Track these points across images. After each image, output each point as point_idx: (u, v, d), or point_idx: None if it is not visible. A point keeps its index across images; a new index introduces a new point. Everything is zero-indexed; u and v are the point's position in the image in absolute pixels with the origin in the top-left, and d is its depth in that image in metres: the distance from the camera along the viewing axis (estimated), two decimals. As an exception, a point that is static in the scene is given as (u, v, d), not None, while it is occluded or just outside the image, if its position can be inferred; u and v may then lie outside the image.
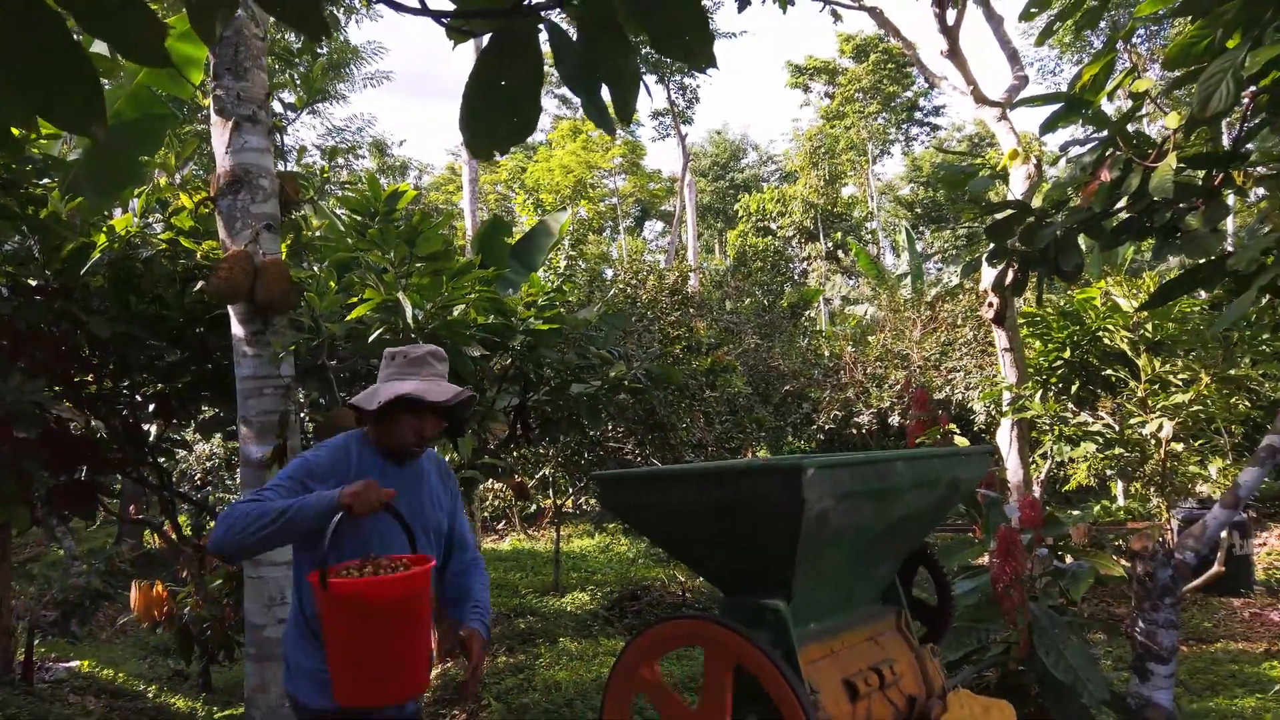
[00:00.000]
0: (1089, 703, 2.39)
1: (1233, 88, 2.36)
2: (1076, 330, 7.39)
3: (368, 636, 1.90)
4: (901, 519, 1.26)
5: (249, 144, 3.24)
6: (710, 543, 1.20)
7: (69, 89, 0.97)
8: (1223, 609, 7.14)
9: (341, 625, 1.91)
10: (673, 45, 0.86)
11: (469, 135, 0.94)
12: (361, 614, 1.89)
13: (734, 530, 1.15)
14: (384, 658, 1.91)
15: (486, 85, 0.89)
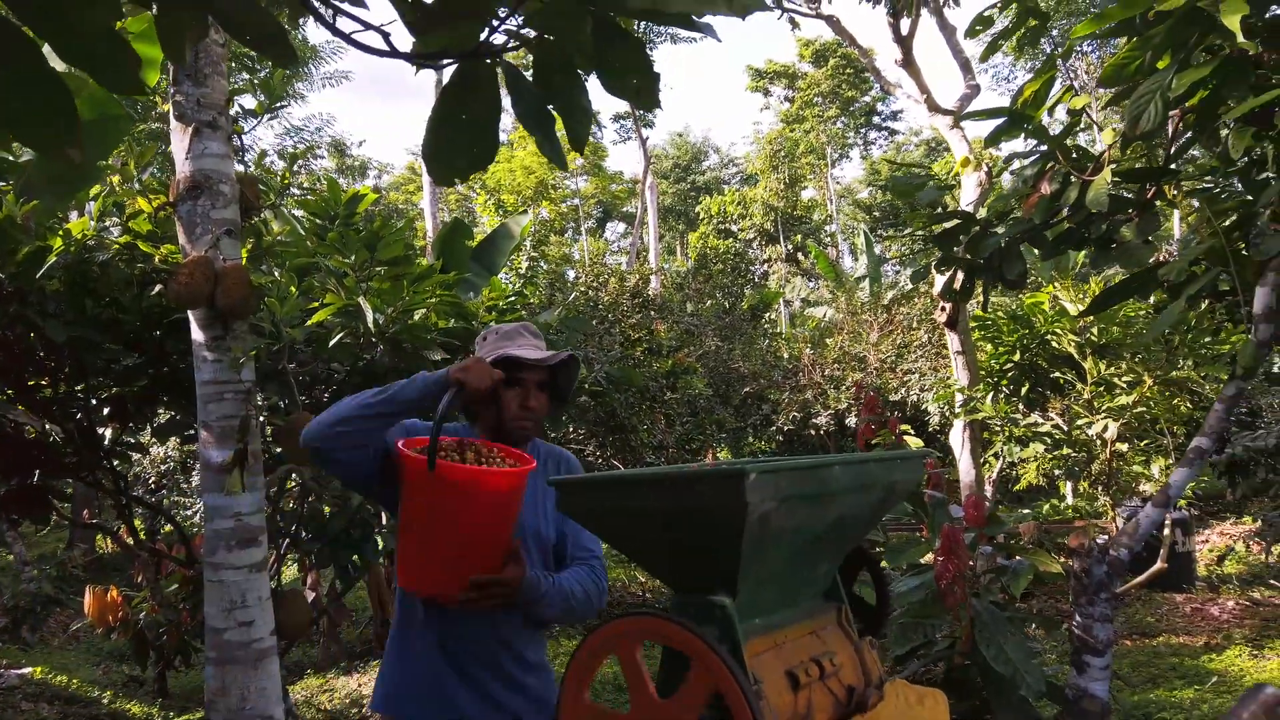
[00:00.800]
0: (1027, 694, 2.50)
1: (1160, 107, 2.49)
2: (1026, 334, 7.59)
3: (462, 525, 1.77)
4: (840, 520, 1.34)
5: (209, 150, 3.25)
6: (661, 543, 1.27)
7: (45, 114, 1.02)
8: (1165, 604, 7.37)
9: (436, 510, 1.77)
10: (622, 87, 0.93)
11: (432, 164, 1.00)
12: (464, 503, 1.75)
13: (683, 532, 1.21)
14: (467, 550, 1.81)
15: (448, 119, 0.96)
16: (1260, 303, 2.72)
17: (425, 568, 1.86)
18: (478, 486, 1.74)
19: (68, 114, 1.04)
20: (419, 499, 1.80)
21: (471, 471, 1.76)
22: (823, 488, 1.27)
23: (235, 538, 3.18)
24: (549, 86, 0.92)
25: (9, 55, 0.99)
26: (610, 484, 1.29)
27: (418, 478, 1.75)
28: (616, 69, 0.91)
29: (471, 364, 1.79)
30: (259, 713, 3.18)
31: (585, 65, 0.92)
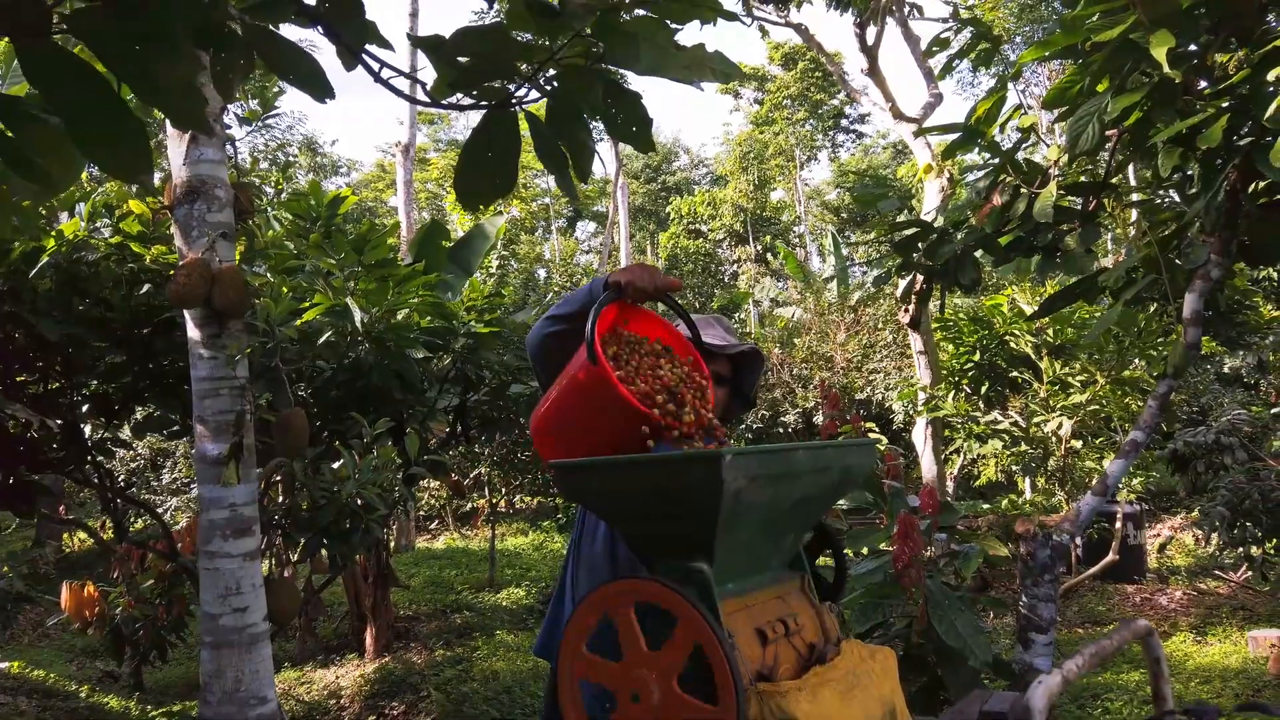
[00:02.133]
0: (976, 664, 2.72)
1: (1097, 129, 2.72)
2: (986, 334, 7.87)
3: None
4: (802, 498, 1.53)
5: (205, 156, 3.39)
6: (647, 517, 1.45)
7: (123, 146, 1.19)
8: (1117, 594, 7.68)
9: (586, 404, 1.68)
10: (623, 134, 1.12)
11: (462, 193, 1.18)
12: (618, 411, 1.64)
13: (667, 507, 1.40)
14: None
15: (476, 157, 1.14)
16: (1189, 308, 2.96)
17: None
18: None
19: (143, 147, 1.21)
20: (575, 391, 1.70)
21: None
22: (787, 468, 1.47)
23: (230, 527, 3.33)
24: (559, 129, 1.10)
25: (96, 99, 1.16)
26: (603, 466, 1.47)
27: (583, 377, 1.64)
28: (620, 121, 1.10)
29: (635, 267, 1.71)
30: (253, 694, 3.33)
31: (591, 113, 1.10)
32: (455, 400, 5.27)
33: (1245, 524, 4.27)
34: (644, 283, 1.68)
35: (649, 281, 1.69)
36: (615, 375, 1.58)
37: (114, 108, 1.17)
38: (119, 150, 1.19)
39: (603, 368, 1.55)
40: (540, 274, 22.56)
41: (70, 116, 1.17)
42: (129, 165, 1.22)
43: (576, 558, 2.06)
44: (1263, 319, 8.94)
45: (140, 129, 1.20)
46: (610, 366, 1.58)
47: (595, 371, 1.56)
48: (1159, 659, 1.28)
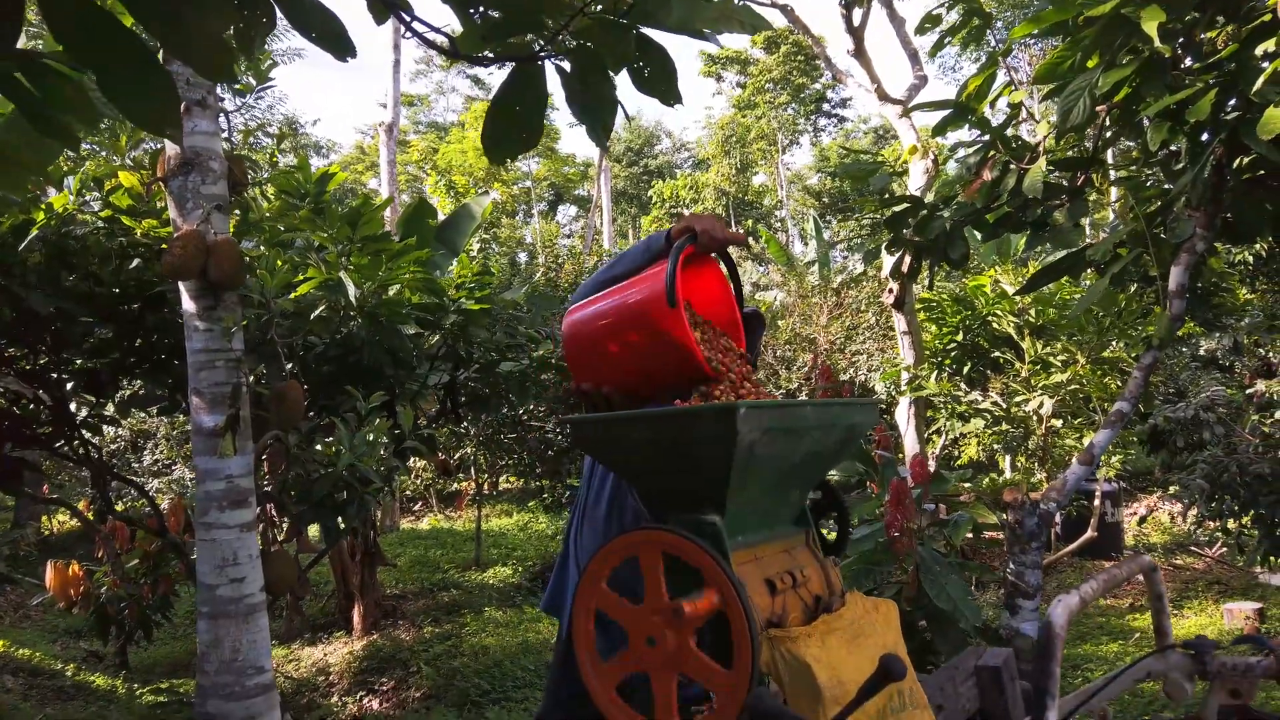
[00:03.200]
0: (965, 627, 2.79)
1: (1088, 104, 2.77)
2: (968, 315, 7.95)
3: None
4: (809, 454, 1.57)
5: (199, 128, 3.38)
6: (660, 470, 1.49)
7: (153, 98, 1.21)
8: (1095, 570, 7.82)
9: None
10: (651, 88, 1.14)
11: (489, 145, 1.20)
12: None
13: (680, 459, 1.44)
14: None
15: (504, 110, 1.16)
16: (1174, 281, 3.03)
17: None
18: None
19: (172, 103, 1.23)
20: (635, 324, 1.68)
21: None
22: (797, 423, 1.51)
23: (227, 499, 3.34)
24: (585, 83, 1.13)
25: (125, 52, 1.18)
26: (619, 420, 1.51)
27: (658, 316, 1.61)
28: (648, 75, 1.12)
29: (709, 216, 1.68)
30: (251, 663, 3.35)
31: (616, 67, 1.13)
32: (445, 377, 5.29)
33: (1224, 497, 4.36)
34: (718, 233, 1.68)
35: (721, 232, 1.69)
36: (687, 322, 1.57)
37: (144, 60, 1.19)
38: (150, 103, 1.21)
39: (678, 310, 1.55)
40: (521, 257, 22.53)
41: (101, 70, 1.18)
42: (160, 118, 1.23)
43: (580, 517, 2.09)
44: (1238, 301, 9.08)
45: (170, 82, 1.22)
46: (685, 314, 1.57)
47: (667, 311, 1.56)
48: (1160, 595, 1.33)
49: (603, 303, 1.75)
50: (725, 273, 1.86)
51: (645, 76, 1.14)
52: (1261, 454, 4.35)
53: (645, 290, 1.65)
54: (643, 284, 1.67)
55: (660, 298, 1.58)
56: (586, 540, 2.06)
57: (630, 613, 1.44)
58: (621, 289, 1.73)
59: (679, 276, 1.59)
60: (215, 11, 1.18)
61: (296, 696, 6.02)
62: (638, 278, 1.72)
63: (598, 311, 1.74)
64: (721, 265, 1.86)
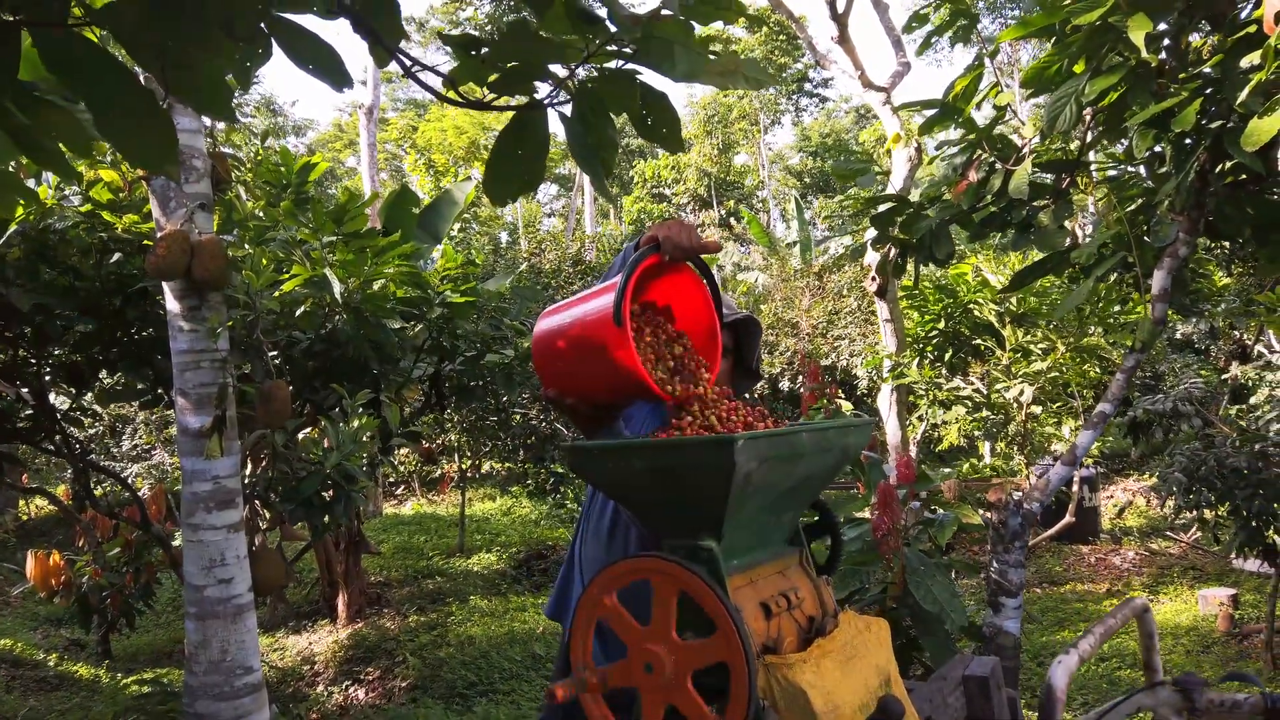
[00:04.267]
0: (951, 629, 2.83)
1: (1075, 110, 2.78)
2: (950, 303, 8.00)
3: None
4: (804, 477, 1.59)
5: (181, 125, 3.33)
6: (659, 497, 1.50)
7: (155, 143, 1.20)
8: (1072, 555, 7.95)
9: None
10: (653, 133, 1.14)
11: (491, 189, 1.20)
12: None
13: (677, 488, 1.45)
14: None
15: (507, 153, 1.16)
16: (1157, 284, 3.06)
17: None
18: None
19: (170, 142, 1.22)
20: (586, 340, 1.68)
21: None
22: (793, 450, 1.52)
23: (214, 500, 3.33)
24: (586, 125, 1.13)
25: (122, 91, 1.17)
26: (618, 449, 1.52)
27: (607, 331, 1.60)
28: (650, 123, 1.12)
29: (675, 223, 1.63)
30: (239, 664, 3.36)
31: (618, 113, 1.13)
32: (430, 369, 5.28)
33: (1201, 489, 4.44)
34: (683, 240, 1.63)
35: (688, 241, 1.63)
36: (633, 342, 1.56)
37: (140, 99, 1.18)
38: (147, 142, 1.20)
39: (625, 331, 1.53)
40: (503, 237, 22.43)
41: (98, 108, 1.17)
42: (157, 156, 1.22)
43: (585, 528, 2.11)
44: (1215, 287, 9.19)
45: (168, 120, 1.21)
46: (632, 335, 1.56)
47: (614, 332, 1.54)
48: (1151, 634, 1.36)
49: (563, 316, 1.73)
50: (703, 280, 1.82)
51: (649, 125, 1.14)
52: (1238, 447, 4.42)
53: (596, 308, 1.63)
54: (598, 298, 1.64)
55: (608, 318, 1.56)
56: (590, 552, 2.07)
57: (634, 630, 1.46)
58: (581, 301, 1.71)
59: (632, 288, 1.56)
60: (217, 52, 1.17)
61: (282, 686, 6.03)
62: (597, 290, 1.68)
63: (557, 327, 1.73)
64: (696, 273, 1.81)
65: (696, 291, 1.81)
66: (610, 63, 1.06)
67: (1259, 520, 4.52)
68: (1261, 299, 7.14)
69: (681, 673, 1.39)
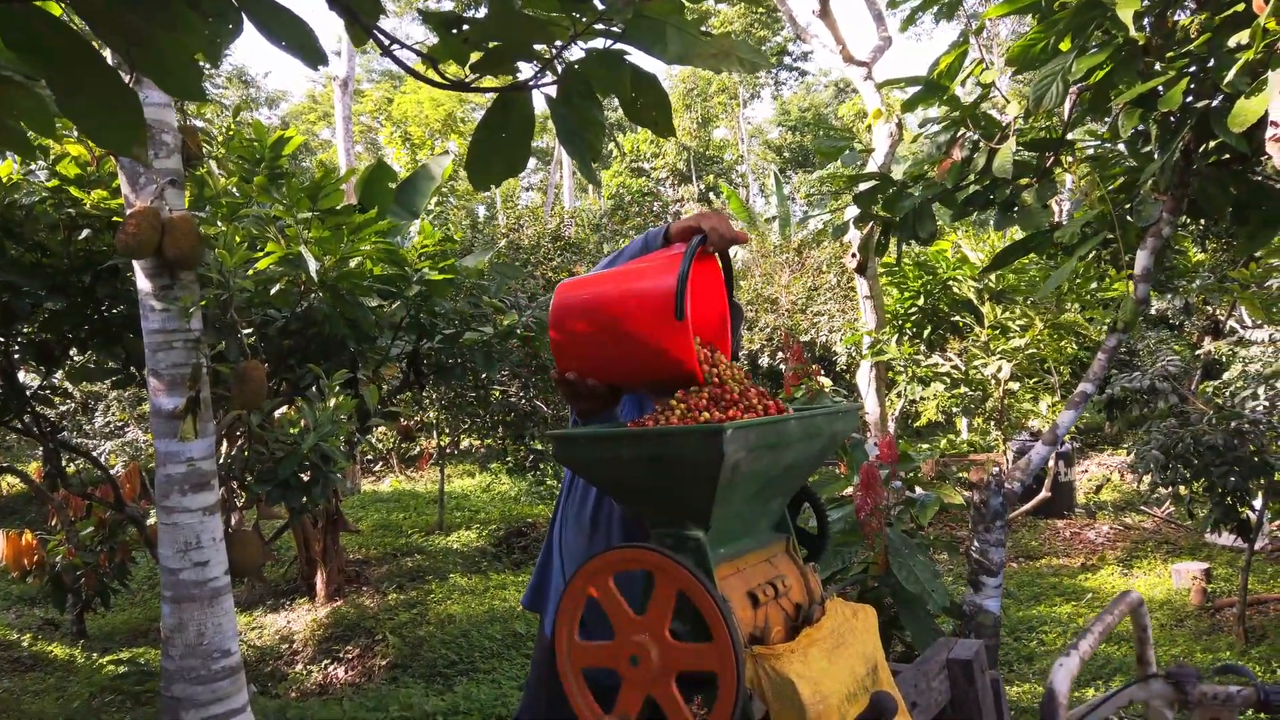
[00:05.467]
0: (932, 609, 2.84)
1: (1061, 88, 2.76)
2: (930, 280, 8.02)
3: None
4: (791, 464, 1.57)
5: (150, 99, 3.24)
6: (645, 486, 1.48)
7: (120, 123, 1.15)
8: (1048, 529, 8.03)
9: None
10: (642, 116, 1.10)
11: (473, 173, 1.16)
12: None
13: (664, 478, 1.42)
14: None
15: (489, 137, 1.11)
16: (1140, 265, 3.06)
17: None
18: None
19: (136, 122, 1.17)
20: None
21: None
22: (781, 438, 1.50)
23: (189, 482, 3.28)
24: (575, 109, 1.09)
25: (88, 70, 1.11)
26: (606, 438, 1.49)
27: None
28: (640, 105, 1.08)
29: (714, 214, 1.61)
30: (216, 647, 3.32)
31: (606, 95, 1.09)
32: (408, 347, 5.22)
33: (1177, 466, 4.48)
34: (727, 231, 1.62)
35: (729, 231, 1.62)
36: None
37: (105, 77, 1.12)
38: (112, 122, 1.15)
39: (686, 325, 1.50)
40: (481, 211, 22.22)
41: (61, 87, 1.12)
42: (123, 137, 1.17)
43: (563, 517, 2.08)
44: (1190, 263, 9.26)
45: (134, 100, 1.16)
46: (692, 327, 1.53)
47: (674, 325, 1.51)
48: (1145, 627, 1.36)
49: (602, 292, 1.66)
50: (721, 270, 1.81)
51: (638, 108, 1.10)
52: (1214, 424, 4.46)
53: (650, 294, 1.57)
54: (648, 281, 1.59)
55: (667, 309, 1.53)
56: (571, 541, 2.04)
57: (608, 650, 1.44)
58: (625, 279, 1.64)
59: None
60: (184, 29, 1.12)
61: (261, 665, 6.00)
62: (642, 269, 1.63)
63: (590, 308, 1.66)
64: (719, 262, 1.80)
65: (712, 281, 1.80)
66: (598, 42, 1.02)
67: (1233, 496, 4.57)
68: (1235, 275, 7.20)
69: (668, 671, 1.37)
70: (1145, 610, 1.37)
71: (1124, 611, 1.30)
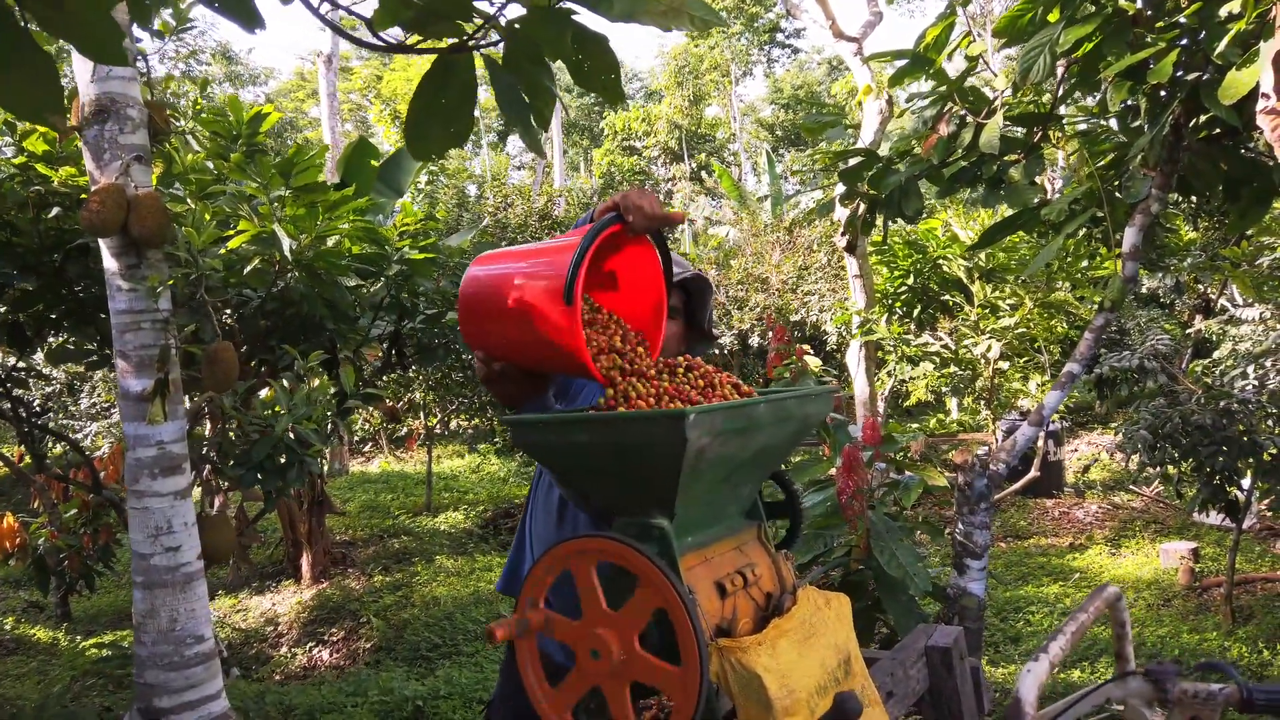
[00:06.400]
0: (915, 593, 2.79)
1: (1049, 60, 2.69)
2: (920, 259, 7.95)
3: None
4: (762, 449, 1.51)
5: (114, 72, 3.14)
6: (604, 475, 1.41)
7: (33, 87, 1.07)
8: (1036, 509, 8.01)
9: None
10: (590, 82, 1.03)
11: (412, 142, 1.09)
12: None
13: (625, 465, 1.36)
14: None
15: (429, 103, 1.04)
16: (1128, 242, 3.00)
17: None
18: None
19: (53, 86, 1.09)
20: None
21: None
22: (749, 423, 1.44)
23: (159, 465, 3.21)
24: (520, 74, 1.01)
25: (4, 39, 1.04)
26: (564, 422, 1.43)
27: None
28: (587, 69, 1.01)
29: (637, 192, 1.49)
30: (189, 633, 3.26)
31: (553, 58, 1.02)
32: (390, 327, 5.14)
33: (1165, 446, 4.44)
34: (649, 209, 1.49)
35: (653, 208, 1.50)
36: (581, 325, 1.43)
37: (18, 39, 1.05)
38: (26, 87, 1.07)
39: (575, 311, 1.39)
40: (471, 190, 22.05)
41: (-35, 50, 1.04)
42: (37, 103, 1.10)
43: (534, 501, 2.02)
44: (1181, 241, 9.21)
45: (50, 63, 1.08)
46: (581, 320, 1.42)
47: (563, 310, 1.41)
48: (1124, 622, 1.31)
49: (502, 270, 1.56)
50: (659, 256, 1.66)
51: (585, 71, 1.03)
52: (1203, 404, 4.42)
53: (543, 273, 1.47)
54: (545, 260, 1.49)
55: (556, 291, 1.41)
56: (540, 527, 1.99)
57: (571, 629, 1.39)
58: (525, 257, 1.55)
59: (588, 262, 1.41)
60: None
61: (245, 647, 5.96)
62: (545, 248, 1.53)
63: (494, 282, 1.54)
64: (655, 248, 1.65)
65: (648, 261, 1.66)
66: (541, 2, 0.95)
67: (1221, 476, 4.54)
68: (1227, 253, 7.15)
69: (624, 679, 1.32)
70: (1124, 605, 1.32)
71: (1100, 608, 1.25)
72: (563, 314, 1.41)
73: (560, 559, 1.39)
